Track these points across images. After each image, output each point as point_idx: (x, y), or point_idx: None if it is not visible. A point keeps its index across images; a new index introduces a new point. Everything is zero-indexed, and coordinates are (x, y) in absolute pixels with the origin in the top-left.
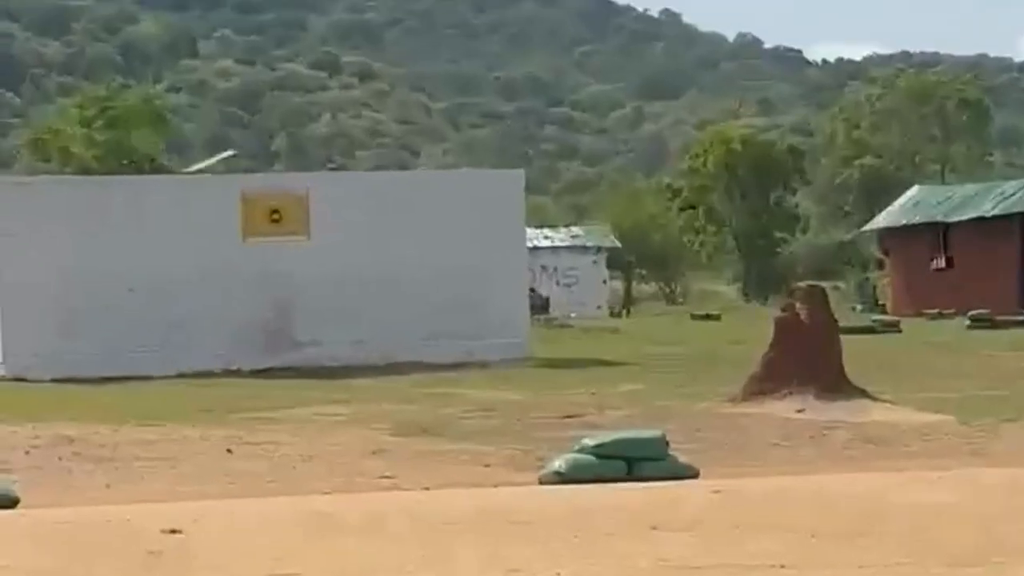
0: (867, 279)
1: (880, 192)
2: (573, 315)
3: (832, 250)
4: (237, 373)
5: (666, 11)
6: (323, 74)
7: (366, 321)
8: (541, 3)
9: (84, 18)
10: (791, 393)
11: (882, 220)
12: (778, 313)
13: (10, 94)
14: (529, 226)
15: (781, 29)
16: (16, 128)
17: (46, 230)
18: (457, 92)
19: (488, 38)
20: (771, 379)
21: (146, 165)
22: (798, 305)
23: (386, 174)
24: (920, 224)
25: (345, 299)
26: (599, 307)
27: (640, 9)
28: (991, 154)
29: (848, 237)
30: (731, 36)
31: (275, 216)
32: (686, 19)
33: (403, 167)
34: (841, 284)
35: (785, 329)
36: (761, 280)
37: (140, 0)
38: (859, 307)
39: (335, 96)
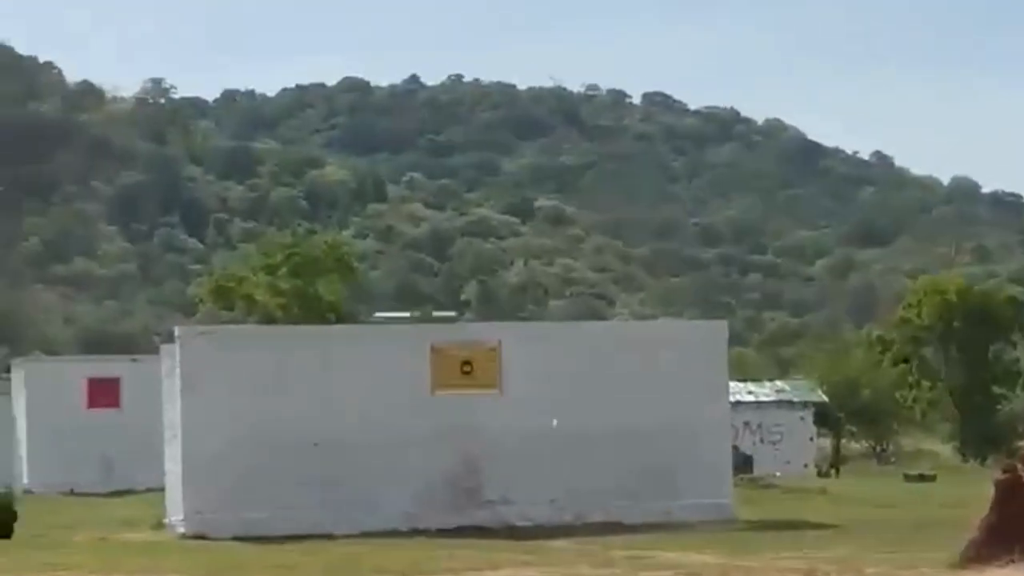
0: None
1: None
2: (778, 474)
3: None
4: (423, 532)
5: (877, 153)
6: (515, 219)
7: (559, 479)
8: (743, 145)
9: (269, 162)
10: (1013, 561)
11: None
12: (999, 474)
13: (193, 240)
14: (732, 379)
15: (999, 173)
16: (198, 274)
17: (229, 382)
18: (655, 238)
19: (687, 182)
20: (992, 545)
21: (331, 314)
22: (1020, 466)
23: (580, 325)
24: None
25: (537, 455)
26: (806, 466)
27: (849, 151)
28: None
29: None
30: (946, 180)
31: (465, 368)
32: (898, 162)
33: (598, 317)
34: None
35: (1007, 492)
36: (979, 439)
37: (327, 143)
38: None
39: (527, 242)
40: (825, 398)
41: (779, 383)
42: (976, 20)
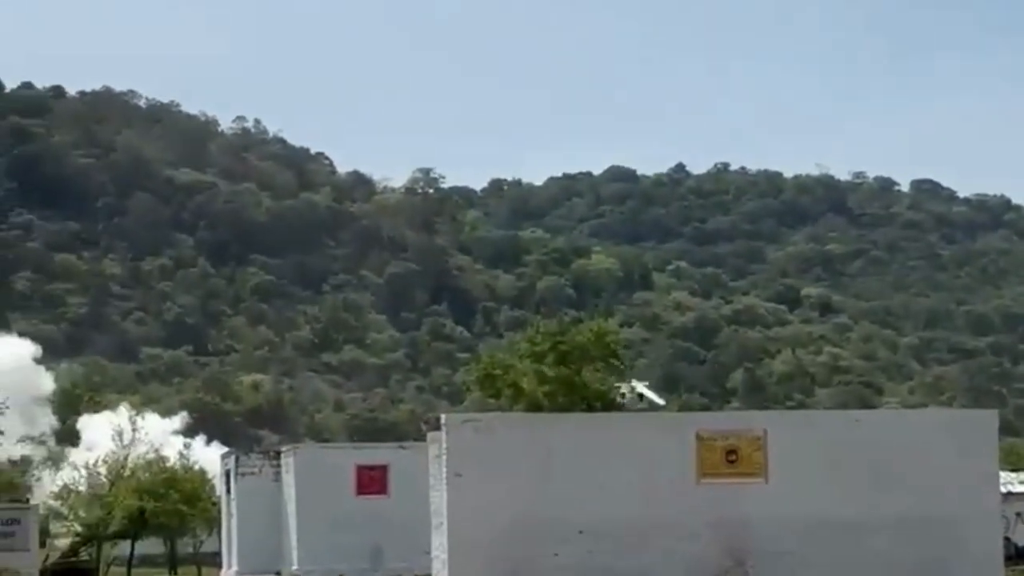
0: None
1: None
2: None
3: None
4: None
5: None
6: (782, 307)
7: (826, 571)
8: (1013, 232)
9: (536, 251)
10: None
11: None
12: None
13: (461, 328)
14: (1003, 469)
15: None
16: (465, 362)
17: (495, 469)
18: (924, 326)
19: (957, 270)
20: None
21: (598, 402)
22: None
23: (848, 413)
24: None
25: (804, 547)
26: None
27: None
28: None
29: None
30: None
31: (731, 457)
32: None
33: (866, 406)
34: None
35: None
36: None
37: (593, 232)
38: None
39: (795, 331)
40: None
41: None
42: None
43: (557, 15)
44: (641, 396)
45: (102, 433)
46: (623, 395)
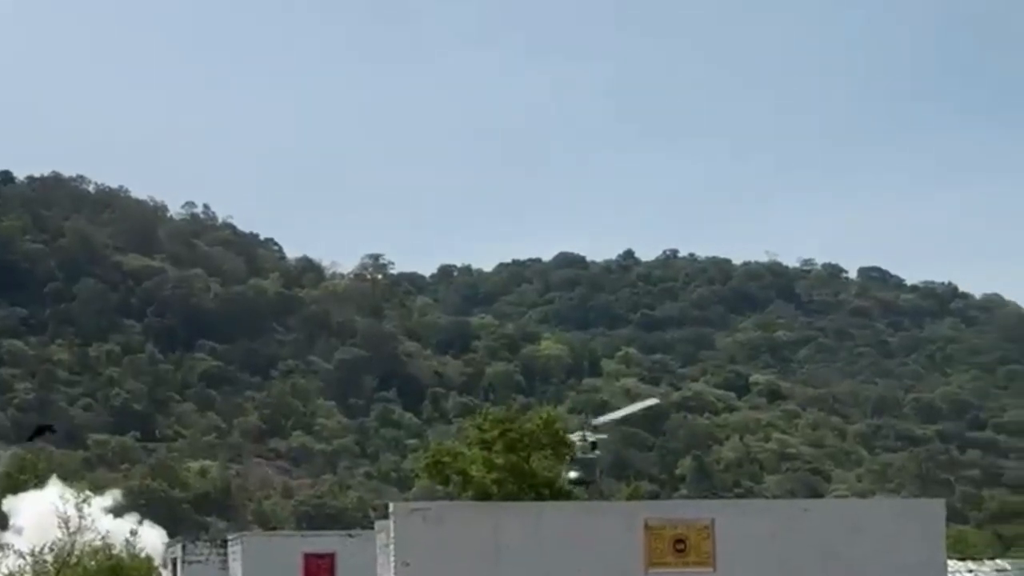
0: None
1: None
2: None
3: None
4: None
5: None
6: (731, 394)
7: None
8: (960, 319)
9: (486, 337)
10: None
11: None
12: None
13: (409, 414)
14: (950, 557)
15: None
16: (414, 449)
17: (444, 559)
18: (872, 414)
19: (905, 357)
20: None
21: (546, 489)
22: None
23: (796, 502)
24: None
25: None
26: None
27: None
28: None
29: None
30: None
31: (679, 546)
32: None
33: (815, 493)
34: None
35: None
36: None
37: (542, 318)
38: None
39: (743, 417)
40: None
41: (1000, 562)
42: None
43: (503, 102)
44: (594, 445)
45: (31, 516)
46: (577, 441)
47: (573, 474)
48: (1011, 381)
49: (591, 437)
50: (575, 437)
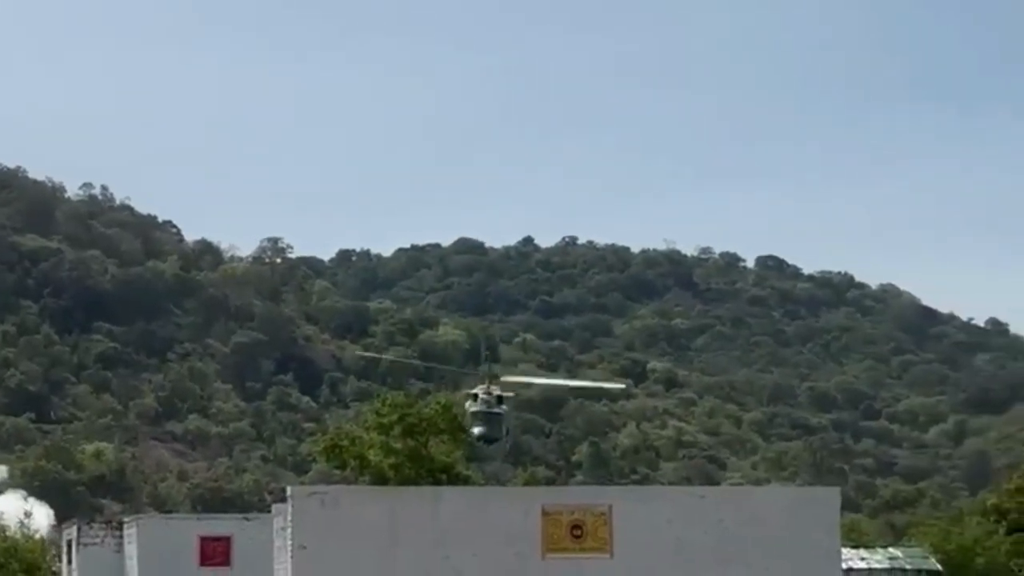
0: None
1: None
2: None
3: None
4: None
5: (993, 320)
6: (628, 381)
7: None
8: (856, 309)
9: (384, 322)
10: None
11: None
12: None
13: (306, 398)
14: (844, 546)
15: None
16: (311, 432)
17: (341, 543)
18: (768, 402)
19: (800, 346)
20: None
21: (443, 475)
22: None
23: (693, 489)
24: None
25: None
26: None
27: (964, 318)
28: None
29: None
30: None
31: (576, 532)
32: (1014, 329)
33: (710, 480)
34: None
35: None
36: None
37: (441, 304)
38: None
39: (640, 404)
40: (938, 566)
41: (892, 550)
42: None
43: (407, 88)
44: (500, 399)
45: None
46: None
47: (478, 430)
48: (905, 371)
49: (497, 391)
50: (478, 390)
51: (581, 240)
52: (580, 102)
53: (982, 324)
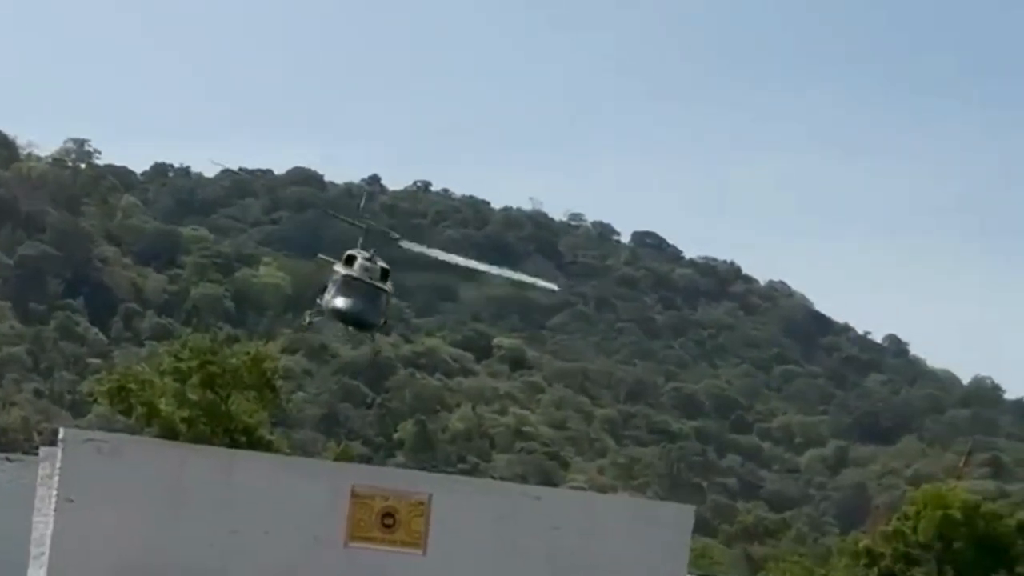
0: None
1: None
2: None
3: None
4: None
5: (892, 338)
6: (468, 355)
7: None
8: (739, 305)
9: (196, 252)
10: None
11: None
12: None
13: (95, 329)
14: (690, 572)
15: None
16: (96, 370)
17: (115, 500)
18: (625, 399)
19: (672, 339)
20: None
21: (243, 436)
22: None
23: (528, 488)
24: None
25: None
26: None
27: (860, 331)
28: None
29: None
30: (966, 378)
31: (387, 521)
32: (914, 351)
33: (548, 480)
34: None
35: None
36: None
37: (265, 239)
38: None
39: (479, 384)
40: None
41: None
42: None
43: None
44: (386, 273)
45: None
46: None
47: (345, 302)
48: (786, 382)
49: (381, 262)
50: (357, 252)
51: (435, 187)
52: (437, 34)
53: (879, 340)
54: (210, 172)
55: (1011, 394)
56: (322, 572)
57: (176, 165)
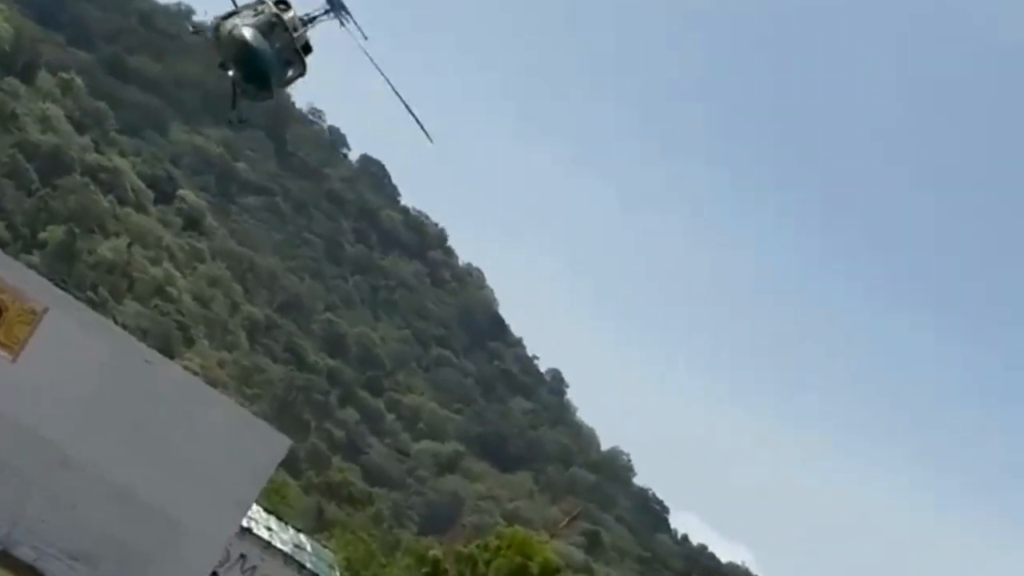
0: None
1: None
2: None
3: None
4: None
5: (555, 373)
6: (150, 192)
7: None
8: (430, 275)
9: None
10: None
11: None
12: None
13: None
14: (260, 503)
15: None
16: None
17: None
18: (279, 308)
19: (349, 273)
20: None
21: None
22: None
23: (142, 348)
24: None
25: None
26: None
27: (530, 353)
28: None
29: None
30: (606, 445)
31: None
32: (571, 395)
33: (166, 349)
34: None
35: None
36: None
37: None
38: None
39: (146, 225)
40: None
41: (304, 538)
42: None
43: None
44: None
45: None
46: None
47: (251, 34)
48: (436, 366)
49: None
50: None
51: None
52: None
53: (543, 370)
54: None
55: (640, 480)
56: None
57: None
